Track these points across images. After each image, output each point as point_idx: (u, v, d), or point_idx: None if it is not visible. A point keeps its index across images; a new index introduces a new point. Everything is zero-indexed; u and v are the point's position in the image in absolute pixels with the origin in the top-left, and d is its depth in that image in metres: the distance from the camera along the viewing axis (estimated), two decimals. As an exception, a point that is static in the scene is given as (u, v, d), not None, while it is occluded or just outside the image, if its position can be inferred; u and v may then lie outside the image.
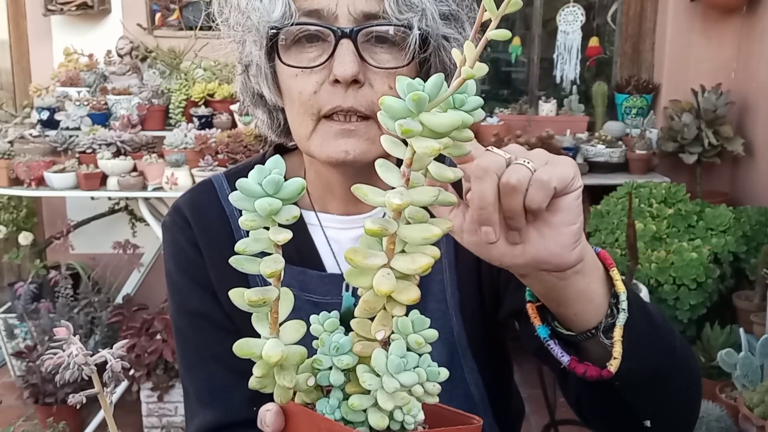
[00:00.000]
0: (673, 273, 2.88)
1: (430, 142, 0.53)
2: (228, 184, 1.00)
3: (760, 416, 2.20)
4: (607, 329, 0.72)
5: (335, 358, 0.57)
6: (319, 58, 0.83)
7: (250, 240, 0.56)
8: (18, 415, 3.02)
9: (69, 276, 3.37)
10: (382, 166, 0.57)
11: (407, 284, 0.56)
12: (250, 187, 0.55)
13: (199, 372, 0.95)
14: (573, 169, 0.63)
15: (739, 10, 3.75)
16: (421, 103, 0.53)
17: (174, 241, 0.98)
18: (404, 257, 0.56)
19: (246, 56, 0.89)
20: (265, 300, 0.56)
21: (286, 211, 0.55)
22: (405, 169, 0.55)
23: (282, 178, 0.55)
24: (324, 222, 0.97)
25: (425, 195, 0.56)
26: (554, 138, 3.70)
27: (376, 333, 0.56)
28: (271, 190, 0.54)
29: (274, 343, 0.57)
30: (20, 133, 3.45)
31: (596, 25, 4.23)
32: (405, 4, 0.81)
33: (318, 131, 0.85)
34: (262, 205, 0.54)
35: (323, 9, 0.81)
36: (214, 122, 3.54)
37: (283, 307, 0.59)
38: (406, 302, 0.56)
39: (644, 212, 3.21)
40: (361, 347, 0.58)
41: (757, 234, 3.13)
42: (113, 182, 3.16)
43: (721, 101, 3.62)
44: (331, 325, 0.60)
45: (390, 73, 0.83)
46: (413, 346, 0.57)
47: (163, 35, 3.94)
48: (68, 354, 0.57)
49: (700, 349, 2.84)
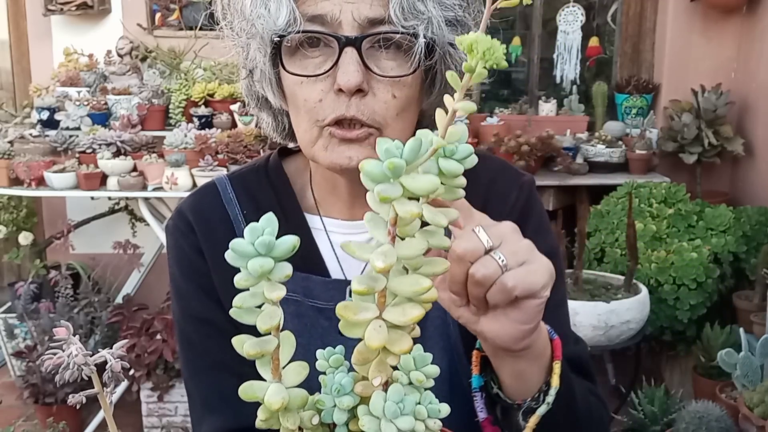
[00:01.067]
0: (673, 273, 2.88)
1: (411, 206, 0.54)
2: (232, 187, 0.99)
3: (760, 416, 2.20)
4: (527, 412, 0.76)
5: (337, 399, 0.59)
6: (323, 65, 0.82)
7: (247, 295, 0.57)
8: (18, 415, 3.02)
9: (69, 276, 3.37)
10: (370, 220, 0.57)
11: (400, 334, 0.57)
12: (243, 249, 0.55)
13: (205, 378, 0.95)
14: (545, 279, 0.65)
15: (739, 10, 3.75)
16: (398, 171, 0.53)
17: (177, 246, 0.97)
18: (395, 309, 0.57)
19: (250, 61, 0.88)
20: (263, 353, 0.58)
21: (280, 270, 0.56)
22: (390, 228, 0.56)
23: (273, 238, 0.55)
24: (329, 227, 0.97)
25: (413, 249, 0.56)
26: (554, 138, 3.70)
27: (374, 380, 0.58)
28: (264, 250, 0.55)
29: (276, 389, 0.58)
30: (20, 133, 3.45)
31: (596, 25, 4.23)
32: (411, 11, 0.80)
33: (322, 138, 0.85)
34: (254, 266, 0.54)
35: (327, 15, 0.80)
36: (214, 122, 3.54)
37: (284, 353, 0.59)
38: (398, 353, 0.57)
39: (644, 212, 3.21)
40: (362, 388, 0.59)
41: (757, 234, 3.13)
42: (113, 182, 3.16)
43: (721, 101, 3.62)
44: (336, 362, 0.61)
45: (394, 81, 0.82)
46: (415, 383, 0.58)
47: (163, 35, 3.94)
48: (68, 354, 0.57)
49: (700, 349, 2.85)
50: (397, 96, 0.83)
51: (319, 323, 0.93)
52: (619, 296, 2.59)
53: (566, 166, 3.65)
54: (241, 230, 0.94)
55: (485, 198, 0.95)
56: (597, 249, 3.18)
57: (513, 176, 0.99)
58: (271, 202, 0.97)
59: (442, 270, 0.59)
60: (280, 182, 0.98)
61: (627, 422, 2.72)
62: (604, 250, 3.15)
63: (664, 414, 2.60)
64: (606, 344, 2.58)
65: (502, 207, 0.95)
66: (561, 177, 3.63)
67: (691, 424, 2.27)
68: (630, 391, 2.77)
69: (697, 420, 2.26)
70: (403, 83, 0.83)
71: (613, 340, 2.56)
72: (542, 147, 3.63)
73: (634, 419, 2.68)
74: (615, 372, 3.44)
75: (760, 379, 2.44)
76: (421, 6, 0.80)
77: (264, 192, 0.98)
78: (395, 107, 0.83)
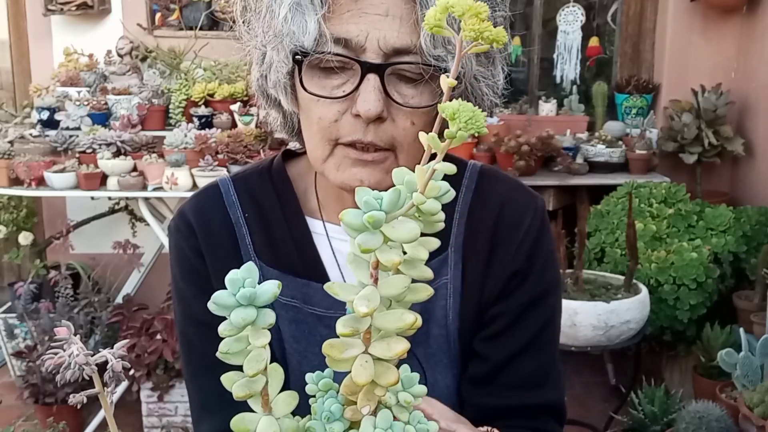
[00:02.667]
0: (673, 273, 2.88)
1: (392, 254, 0.55)
2: (234, 189, 0.98)
3: (760, 416, 2.20)
4: None
5: (327, 426, 0.61)
6: (342, 87, 0.81)
7: (232, 341, 0.58)
8: (18, 415, 3.02)
9: (69, 276, 3.37)
10: (353, 262, 0.59)
11: (386, 367, 0.58)
12: (225, 301, 0.56)
13: (205, 379, 0.94)
14: None
15: (739, 10, 3.76)
16: (378, 224, 0.54)
17: (178, 248, 0.97)
18: (381, 343, 0.58)
19: (266, 65, 0.86)
20: (252, 393, 0.59)
21: (263, 318, 0.57)
22: (373, 271, 0.57)
23: (255, 289, 0.56)
24: (331, 232, 0.96)
25: (396, 288, 0.58)
26: (554, 138, 3.70)
27: (362, 408, 0.59)
28: (246, 302, 0.56)
29: (267, 422, 0.60)
30: (20, 133, 3.45)
31: (596, 25, 4.23)
32: (442, 43, 0.78)
33: (334, 156, 0.84)
34: (237, 318, 0.56)
35: (352, 39, 0.78)
36: (214, 122, 3.54)
37: (273, 386, 0.61)
38: (385, 386, 0.58)
39: (644, 212, 3.21)
40: (351, 413, 0.61)
41: (757, 234, 3.13)
42: (113, 182, 3.16)
43: (721, 101, 3.62)
44: (326, 386, 0.63)
45: (414, 110, 0.81)
46: (403, 404, 0.60)
47: (163, 35, 3.94)
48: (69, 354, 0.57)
49: (700, 349, 2.85)
50: (416, 123, 0.82)
51: (318, 330, 0.92)
52: (619, 296, 2.59)
53: (566, 166, 3.65)
54: (242, 233, 0.95)
55: (496, 221, 0.94)
56: (597, 249, 3.18)
57: (526, 199, 0.98)
58: (273, 206, 0.96)
59: (425, 297, 0.60)
60: (283, 185, 0.97)
61: (627, 422, 2.73)
62: (604, 250, 3.15)
63: (664, 414, 2.60)
64: (606, 344, 2.58)
65: (514, 231, 0.94)
66: (561, 177, 3.63)
67: (691, 424, 2.27)
68: (630, 391, 2.78)
69: (697, 420, 2.26)
70: (422, 111, 0.82)
71: (613, 340, 2.56)
72: (542, 147, 3.62)
73: (634, 419, 2.68)
74: (615, 372, 3.44)
75: (760, 379, 2.44)
76: (453, 38, 0.80)
77: (266, 195, 0.97)
78: (413, 133, 0.82)
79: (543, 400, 0.95)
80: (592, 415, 3.04)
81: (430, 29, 0.55)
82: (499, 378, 0.94)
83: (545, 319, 0.97)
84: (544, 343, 0.97)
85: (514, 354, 0.94)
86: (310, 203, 0.97)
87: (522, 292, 0.94)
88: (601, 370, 3.50)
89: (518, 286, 0.94)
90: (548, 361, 0.97)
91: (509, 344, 0.94)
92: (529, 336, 0.94)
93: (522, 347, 0.94)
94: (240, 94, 3.59)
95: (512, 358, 0.94)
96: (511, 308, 0.94)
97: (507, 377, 0.94)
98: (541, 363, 0.96)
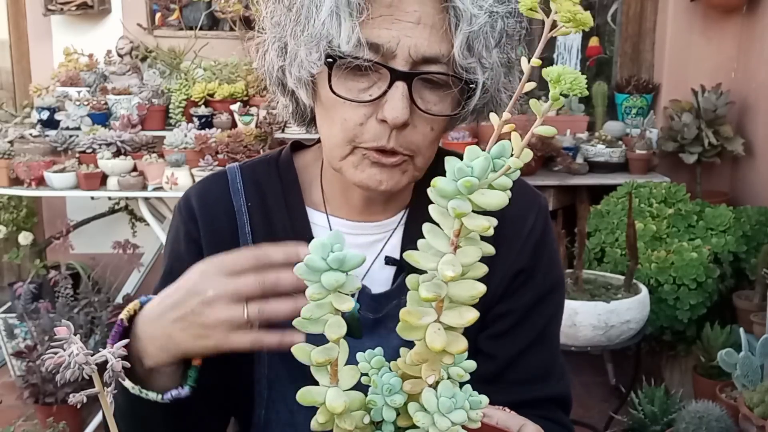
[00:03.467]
0: (673, 273, 2.88)
1: (481, 220, 0.58)
2: (241, 177, 0.99)
3: (760, 416, 2.20)
4: None
5: (388, 398, 0.63)
6: (369, 91, 0.81)
7: (314, 306, 0.61)
8: (18, 415, 3.02)
9: (69, 276, 3.37)
10: (429, 232, 0.61)
11: (456, 336, 0.61)
12: (315, 264, 0.59)
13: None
14: None
15: (739, 10, 3.75)
16: (472, 189, 0.58)
17: (176, 229, 0.99)
18: (452, 312, 0.61)
19: (290, 62, 0.85)
20: (330, 360, 0.62)
21: (350, 283, 0.60)
22: (454, 239, 0.60)
23: (345, 254, 0.59)
24: (334, 225, 0.97)
25: (470, 256, 0.61)
26: (554, 138, 3.70)
27: (427, 378, 0.62)
28: (336, 265, 0.59)
29: (335, 393, 0.62)
30: (20, 133, 3.45)
31: (596, 24, 4.23)
32: (475, 56, 0.79)
33: (354, 156, 0.85)
34: (329, 281, 0.59)
35: (383, 45, 0.78)
36: (214, 122, 3.54)
37: (341, 359, 0.64)
38: (455, 353, 0.61)
39: (644, 212, 3.21)
40: (410, 386, 0.64)
41: (757, 234, 3.13)
42: (113, 182, 3.16)
43: (721, 101, 3.62)
44: (378, 363, 0.65)
45: (435, 116, 0.82)
46: (454, 378, 0.63)
47: (163, 35, 3.94)
48: (69, 353, 0.57)
49: (700, 349, 2.85)
50: (435, 129, 0.84)
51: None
52: (619, 296, 2.59)
53: (566, 166, 3.65)
54: (243, 222, 0.96)
55: (500, 220, 0.94)
56: (597, 249, 3.18)
57: (530, 197, 0.99)
58: (277, 196, 0.97)
59: (482, 274, 0.62)
60: (288, 176, 0.98)
61: (627, 422, 2.72)
62: (604, 250, 3.15)
63: (664, 414, 2.60)
64: (606, 344, 2.58)
65: (518, 229, 0.95)
66: (561, 177, 3.63)
67: (691, 424, 2.27)
68: (630, 391, 2.77)
69: (697, 420, 2.26)
70: (442, 118, 0.83)
71: (613, 340, 2.56)
72: (542, 147, 3.62)
73: (634, 419, 2.68)
74: (615, 372, 3.44)
75: (760, 379, 2.44)
76: (485, 53, 0.80)
77: (271, 184, 0.98)
78: (431, 138, 0.84)
79: (550, 392, 0.96)
80: (592, 415, 3.04)
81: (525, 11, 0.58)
82: (507, 375, 0.95)
83: (550, 315, 0.98)
84: (548, 338, 0.98)
85: (520, 351, 0.95)
86: (315, 195, 0.98)
87: (528, 289, 0.95)
88: (601, 370, 3.50)
89: (524, 283, 0.95)
90: (553, 355, 0.98)
91: (516, 342, 0.95)
92: (535, 333, 0.96)
93: (528, 344, 0.95)
94: (240, 94, 3.59)
95: (519, 354, 0.95)
96: (517, 306, 0.95)
97: (515, 373, 0.95)
98: (547, 357, 0.98)
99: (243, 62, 3.74)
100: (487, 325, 0.96)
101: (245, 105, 3.55)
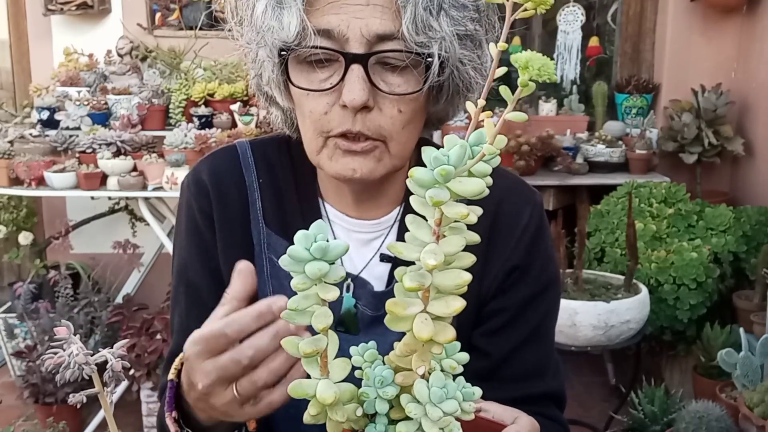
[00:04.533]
0: (673, 273, 2.88)
1: (459, 207, 0.58)
2: (252, 152, 0.99)
3: (760, 416, 2.20)
4: None
5: (380, 390, 0.63)
6: (329, 80, 0.82)
7: (300, 298, 0.61)
8: (18, 415, 3.02)
9: (69, 276, 3.37)
10: (413, 223, 0.61)
11: (443, 325, 0.62)
12: (299, 254, 0.59)
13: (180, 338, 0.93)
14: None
15: (739, 10, 3.75)
16: (448, 177, 0.58)
17: (188, 205, 0.98)
18: (439, 302, 0.61)
19: (258, 64, 0.88)
20: (318, 350, 0.62)
21: (334, 272, 0.60)
22: (435, 228, 0.60)
23: (328, 244, 0.59)
24: (332, 217, 0.97)
25: (454, 245, 0.61)
26: (554, 138, 3.70)
27: (418, 369, 0.62)
28: (319, 255, 0.59)
29: (326, 385, 0.62)
30: (20, 133, 3.44)
31: (596, 24, 4.23)
32: (423, 29, 0.79)
33: (327, 147, 0.85)
34: (313, 270, 0.59)
35: (334, 30, 0.79)
36: (214, 122, 3.54)
37: (331, 350, 0.64)
38: (443, 342, 0.61)
39: (644, 212, 3.21)
40: (402, 378, 0.64)
41: (757, 234, 3.13)
42: (113, 182, 3.16)
43: (721, 101, 3.62)
44: (371, 356, 0.65)
45: (401, 97, 0.82)
46: (447, 370, 0.64)
47: (163, 35, 3.94)
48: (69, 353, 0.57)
49: (700, 349, 2.85)
50: (403, 110, 0.83)
51: None
52: (619, 296, 2.59)
53: (566, 166, 3.65)
54: (254, 198, 0.96)
55: (494, 216, 0.95)
56: (597, 249, 3.18)
57: (525, 194, 0.99)
58: (287, 176, 0.98)
59: (470, 263, 0.62)
60: (300, 157, 0.97)
61: (627, 422, 2.72)
62: (604, 250, 3.15)
63: (664, 414, 2.60)
64: (606, 344, 2.58)
65: (513, 226, 0.95)
66: (561, 177, 3.63)
67: (691, 424, 2.27)
68: (630, 391, 2.77)
69: (697, 420, 2.26)
70: (409, 98, 0.83)
71: (613, 339, 2.56)
72: (542, 147, 3.62)
73: (634, 419, 2.68)
74: (615, 372, 3.44)
75: (760, 379, 2.44)
76: (434, 23, 0.79)
77: (282, 164, 0.98)
78: (401, 121, 0.83)
79: (545, 389, 0.96)
80: (592, 415, 3.04)
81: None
82: (501, 371, 0.94)
83: (545, 312, 0.98)
84: (543, 335, 0.98)
85: (515, 347, 0.95)
86: (319, 182, 0.99)
87: (522, 286, 0.95)
88: (601, 370, 3.50)
89: (518, 280, 0.95)
90: (547, 352, 0.98)
91: (511, 338, 0.95)
92: (529, 329, 0.96)
93: (523, 340, 0.95)
94: (240, 94, 3.59)
95: (513, 351, 0.95)
96: (511, 303, 0.95)
97: (509, 370, 0.95)
98: (541, 354, 0.98)
99: (243, 62, 3.74)
100: (482, 322, 0.96)
101: (245, 105, 3.55)
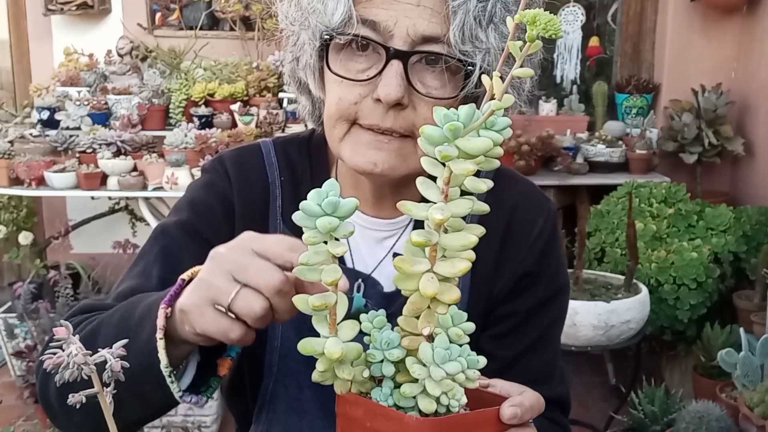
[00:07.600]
0: (673, 273, 2.88)
1: (466, 164, 0.60)
2: (275, 151, 0.99)
3: (760, 416, 2.20)
4: None
5: (386, 352, 0.65)
6: (366, 71, 0.82)
7: (311, 253, 0.63)
8: (18, 415, 3.02)
9: (69, 276, 3.37)
10: (422, 183, 0.63)
11: (449, 286, 0.64)
12: (311, 208, 0.61)
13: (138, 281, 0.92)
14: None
15: (739, 10, 3.75)
16: (457, 132, 0.60)
17: (208, 183, 0.97)
18: (445, 262, 0.63)
19: (298, 48, 0.88)
20: (327, 305, 0.64)
21: (343, 228, 0.62)
22: (444, 187, 0.62)
23: (339, 199, 0.61)
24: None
25: (462, 207, 0.63)
26: (554, 138, 3.70)
27: (423, 329, 0.64)
28: (330, 210, 0.61)
29: (334, 342, 0.64)
30: (20, 133, 3.45)
31: (596, 24, 4.23)
32: (471, 38, 0.78)
33: (351, 135, 0.85)
34: (323, 224, 0.61)
35: (381, 23, 0.79)
36: (214, 122, 3.54)
37: (340, 309, 0.65)
38: (448, 302, 0.63)
39: (644, 212, 3.21)
40: (408, 341, 0.66)
41: (757, 234, 3.13)
42: (113, 182, 3.16)
43: (721, 101, 3.62)
44: (379, 323, 0.67)
45: (435, 100, 0.81)
46: (454, 338, 0.65)
47: (163, 35, 3.94)
48: (68, 354, 0.57)
49: (700, 349, 2.84)
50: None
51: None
52: (619, 296, 2.59)
53: (566, 166, 3.65)
54: (275, 195, 0.96)
55: (508, 221, 0.95)
56: (597, 249, 3.18)
57: (540, 202, 0.99)
58: (305, 174, 0.98)
59: (480, 233, 0.64)
60: (319, 155, 0.98)
61: (627, 422, 2.72)
62: (604, 250, 3.15)
63: (664, 414, 2.60)
64: (606, 344, 2.58)
65: (526, 233, 0.96)
66: (561, 177, 3.63)
67: (691, 424, 2.27)
68: (630, 391, 2.77)
69: (697, 420, 2.25)
70: (443, 102, 0.82)
71: (613, 339, 2.56)
72: (542, 147, 3.62)
73: (634, 419, 2.68)
74: (615, 372, 3.44)
75: (760, 379, 2.44)
76: (482, 35, 0.79)
77: (302, 162, 0.98)
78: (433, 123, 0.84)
79: (551, 394, 0.96)
80: (592, 415, 3.03)
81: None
82: (508, 376, 0.94)
83: (553, 318, 0.99)
84: (550, 341, 0.99)
85: (522, 352, 0.95)
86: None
87: (532, 293, 0.96)
88: (601, 370, 3.50)
89: (529, 286, 0.96)
90: (554, 358, 0.99)
91: (518, 343, 0.95)
92: (537, 335, 0.96)
93: (530, 346, 0.96)
94: (240, 93, 3.59)
95: (520, 356, 0.95)
96: (520, 308, 0.95)
97: (515, 375, 0.94)
98: (548, 359, 0.98)
99: (243, 62, 3.74)
100: (490, 326, 0.96)
101: (245, 105, 3.55)
